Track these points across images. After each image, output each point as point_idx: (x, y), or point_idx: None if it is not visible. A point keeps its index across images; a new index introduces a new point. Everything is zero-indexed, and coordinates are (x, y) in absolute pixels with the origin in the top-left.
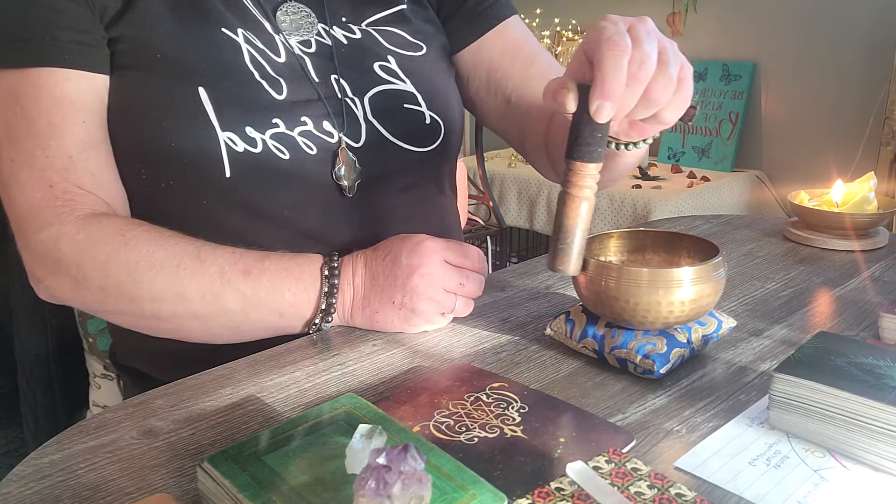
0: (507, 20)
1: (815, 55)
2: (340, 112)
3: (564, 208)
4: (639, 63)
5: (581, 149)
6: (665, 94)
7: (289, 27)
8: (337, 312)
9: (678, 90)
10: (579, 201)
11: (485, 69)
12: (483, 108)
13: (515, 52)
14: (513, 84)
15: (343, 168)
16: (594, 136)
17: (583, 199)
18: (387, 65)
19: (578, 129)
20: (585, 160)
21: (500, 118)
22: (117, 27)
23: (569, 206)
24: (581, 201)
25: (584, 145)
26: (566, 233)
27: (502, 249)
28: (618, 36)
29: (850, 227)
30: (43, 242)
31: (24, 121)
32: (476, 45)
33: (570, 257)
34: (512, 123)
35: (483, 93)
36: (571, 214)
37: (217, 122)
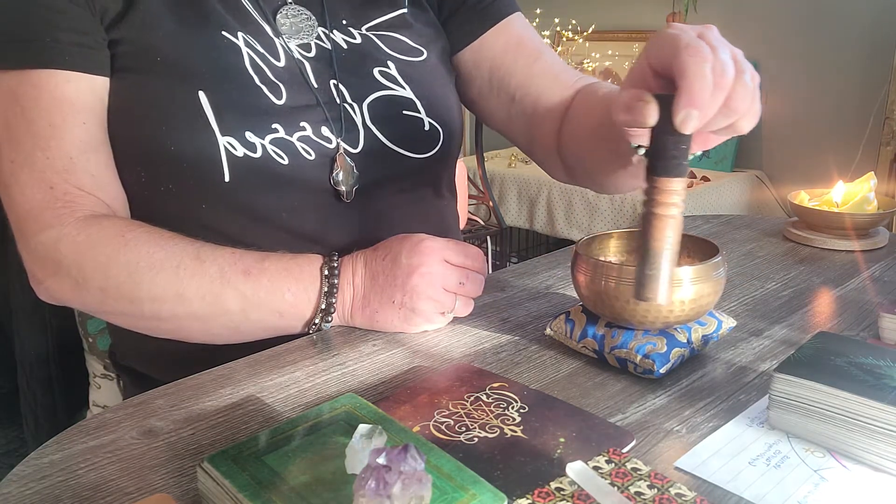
0: (509, 17)
1: (815, 55)
2: (339, 118)
3: (651, 230)
4: (721, 71)
5: (666, 163)
6: (744, 102)
7: (289, 30)
8: (337, 312)
9: (754, 98)
10: (667, 221)
11: (487, 68)
12: (487, 109)
13: (518, 49)
14: (516, 82)
15: (341, 173)
16: (679, 149)
17: (670, 217)
18: (387, 70)
19: (661, 142)
20: (671, 175)
21: (504, 118)
22: (117, 29)
23: (656, 227)
24: (668, 220)
25: (670, 159)
26: (654, 256)
27: (502, 249)
28: (697, 43)
29: (850, 227)
30: (43, 244)
31: (24, 122)
32: (478, 44)
33: (660, 283)
34: (517, 123)
35: (486, 92)
36: (659, 236)
37: (217, 126)
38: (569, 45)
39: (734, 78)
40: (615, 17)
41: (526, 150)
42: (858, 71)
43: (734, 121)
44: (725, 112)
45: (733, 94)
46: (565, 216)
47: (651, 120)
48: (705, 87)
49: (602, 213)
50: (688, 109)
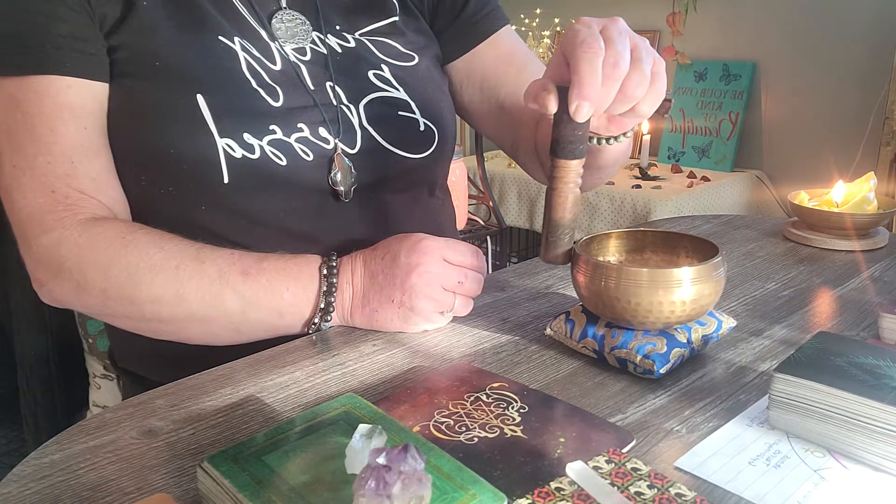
0: (500, 31)
1: (815, 55)
2: (336, 119)
3: (552, 202)
4: (613, 63)
5: (564, 147)
6: (640, 89)
7: (284, 35)
8: (336, 312)
9: (652, 84)
10: (565, 195)
11: (478, 78)
12: (476, 115)
13: (508, 60)
14: (506, 91)
15: (339, 174)
16: (575, 135)
17: (568, 192)
18: (380, 73)
19: (560, 128)
20: (568, 157)
21: (493, 124)
22: (116, 35)
23: (556, 201)
24: (567, 195)
25: (567, 143)
26: (556, 226)
27: (502, 249)
28: (591, 38)
29: (850, 227)
30: (45, 247)
31: (25, 127)
32: (469, 56)
33: (561, 248)
34: (505, 129)
35: (477, 100)
36: (559, 208)
37: (215, 129)
38: None
39: (629, 68)
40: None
41: (511, 154)
42: (858, 71)
43: (634, 105)
44: (622, 99)
45: (628, 82)
46: None
47: (551, 108)
48: (594, 81)
49: (602, 213)
50: (578, 101)
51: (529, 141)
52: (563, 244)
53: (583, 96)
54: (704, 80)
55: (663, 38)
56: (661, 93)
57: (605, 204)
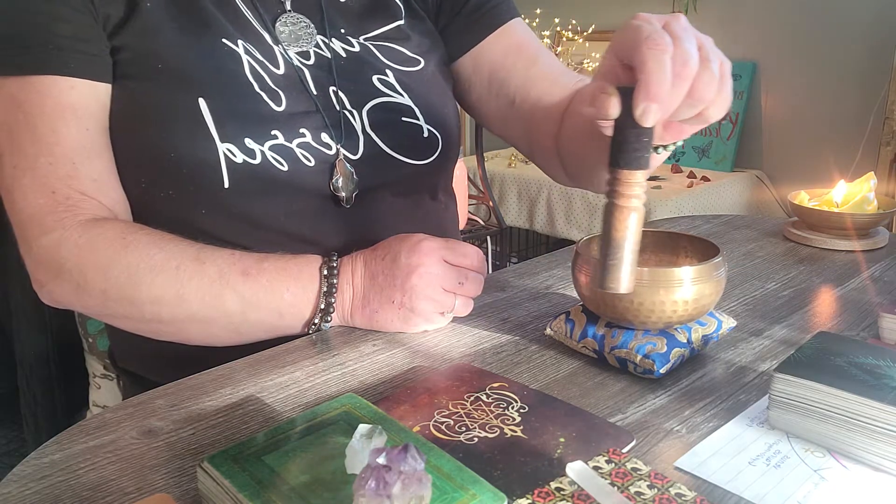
0: (509, 23)
1: (815, 55)
2: (339, 124)
3: (613, 220)
4: (682, 61)
5: (627, 155)
6: (709, 91)
7: (288, 38)
8: (336, 312)
9: (721, 87)
10: (628, 212)
11: (486, 72)
12: (486, 112)
13: (517, 53)
14: (515, 85)
15: (341, 179)
16: (640, 142)
17: (632, 209)
18: (385, 78)
19: (623, 134)
20: (633, 167)
21: (503, 121)
22: (119, 36)
23: (617, 218)
24: (630, 212)
25: (631, 151)
26: (616, 247)
27: (502, 249)
28: (657, 34)
29: (851, 227)
30: (45, 247)
31: (27, 128)
32: (477, 50)
33: (622, 273)
34: (516, 125)
35: (485, 96)
36: (620, 227)
37: (216, 133)
38: (569, 45)
39: (698, 67)
40: (615, 17)
41: (527, 154)
42: (858, 71)
43: (701, 110)
44: (690, 102)
45: (697, 83)
46: (565, 216)
47: (613, 112)
48: (664, 80)
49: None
50: (646, 103)
51: (548, 139)
52: (624, 268)
53: (651, 97)
54: None
55: None
56: (730, 96)
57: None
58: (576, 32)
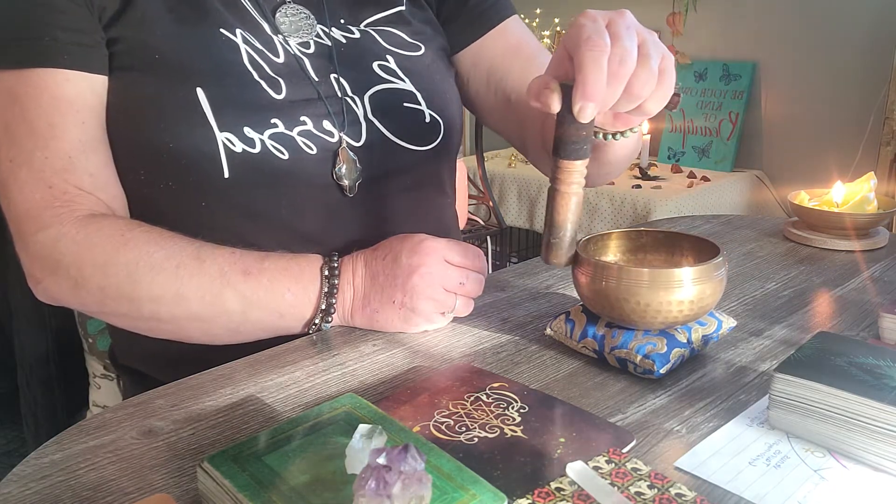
0: (507, 20)
1: (815, 55)
2: (341, 111)
3: (554, 204)
4: (619, 60)
5: (567, 147)
6: (647, 87)
7: (288, 28)
8: (337, 313)
9: (660, 82)
10: (568, 197)
11: (485, 69)
12: (483, 108)
13: (515, 51)
14: (512, 83)
15: (344, 167)
16: (579, 135)
17: (571, 194)
18: (386, 64)
19: (563, 128)
20: (571, 158)
21: (500, 117)
22: (116, 27)
23: (558, 203)
24: (570, 197)
25: (570, 143)
26: (557, 228)
27: (502, 249)
28: (596, 35)
29: (851, 227)
30: (42, 243)
31: (23, 121)
32: (476, 45)
33: (563, 250)
34: (512, 122)
35: (483, 92)
36: (561, 210)
37: (215, 122)
38: None
39: (636, 65)
40: None
41: (520, 148)
42: (858, 71)
43: (640, 104)
44: (628, 98)
45: (634, 81)
46: None
47: (554, 107)
48: (599, 80)
49: (602, 213)
50: (583, 101)
51: (537, 136)
52: (565, 246)
53: (587, 96)
54: (704, 80)
55: (663, 38)
56: (669, 90)
57: (605, 204)
58: None
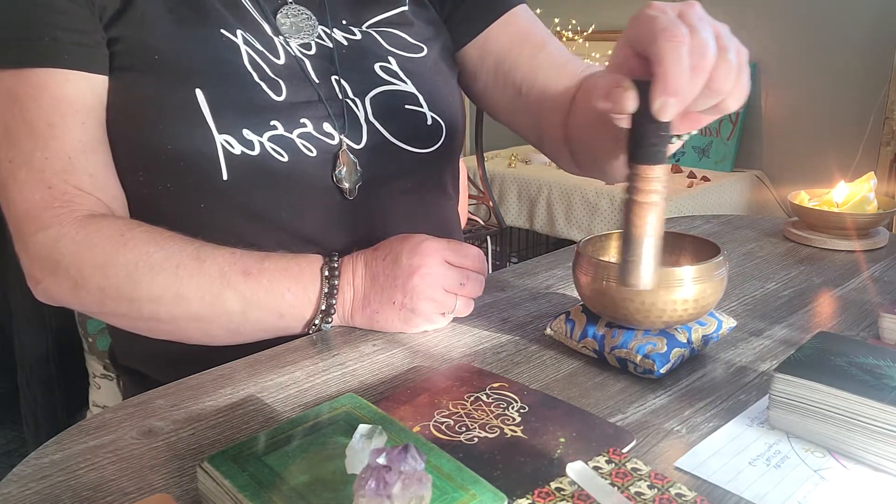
0: (514, 9)
1: (815, 55)
2: (341, 113)
3: (632, 216)
4: (700, 53)
5: (646, 150)
6: (728, 81)
7: (289, 29)
8: (337, 313)
9: (739, 77)
10: (647, 208)
11: (492, 61)
12: (493, 102)
13: (523, 41)
14: (522, 74)
15: (344, 170)
16: (658, 136)
17: (650, 204)
18: (387, 65)
19: (641, 129)
20: (651, 162)
21: (511, 111)
22: (116, 27)
23: (636, 215)
24: (649, 207)
25: (649, 146)
26: (635, 244)
27: (502, 249)
28: (674, 25)
29: (851, 227)
30: (41, 244)
31: (22, 122)
32: (482, 38)
33: (642, 270)
34: (524, 115)
35: (492, 85)
36: (640, 223)
37: (214, 124)
38: (569, 45)
39: (716, 57)
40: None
41: (535, 144)
42: (858, 71)
43: (719, 101)
44: (708, 94)
45: (715, 74)
46: (565, 216)
47: (630, 107)
48: (681, 73)
49: (602, 213)
50: (664, 97)
51: (557, 129)
52: (645, 265)
53: (669, 92)
54: None
55: None
56: (747, 87)
57: (605, 204)
58: (576, 32)
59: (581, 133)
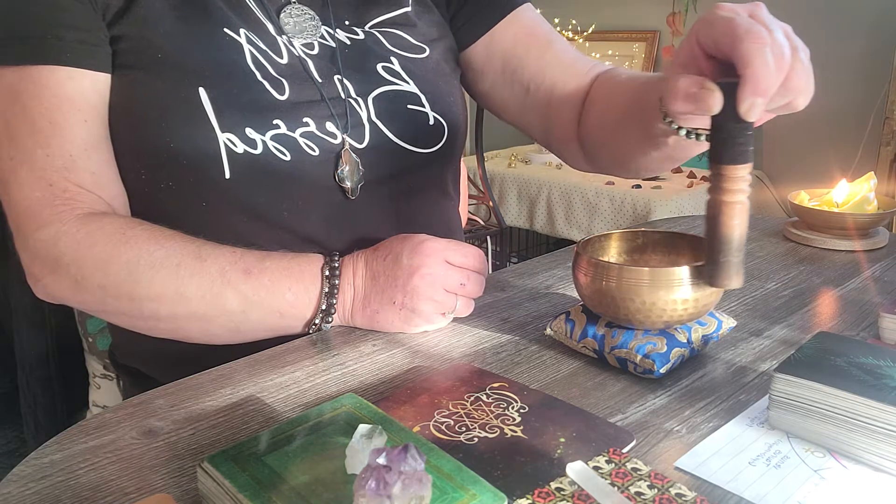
0: (519, 8)
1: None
2: (344, 113)
3: (722, 217)
4: (780, 54)
5: (733, 150)
6: (802, 80)
7: (292, 29)
8: (337, 313)
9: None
10: (737, 208)
11: (499, 60)
12: (500, 101)
13: (529, 39)
14: (529, 73)
15: (346, 169)
16: (744, 136)
17: (740, 204)
18: (390, 66)
19: (726, 130)
20: (739, 162)
21: (518, 109)
22: (119, 25)
23: (727, 215)
24: (737, 207)
25: (737, 146)
26: (727, 243)
27: (502, 249)
28: (756, 28)
29: (851, 227)
30: (42, 241)
31: (24, 119)
32: (488, 37)
33: (734, 269)
34: (532, 114)
35: (499, 85)
36: (730, 223)
37: (216, 122)
38: None
39: (791, 58)
40: (615, 17)
41: (542, 141)
42: (858, 71)
43: (791, 99)
44: (783, 92)
45: (792, 73)
46: (565, 216)
47: (716, 108)
48: (769, 75)
49: (602, 213)
50: (753, 98)
51: (568, 125)
52: (735, 264)
53: (759, 93)
54: None
55: (663, 38)
56: (813, 83)
57: (605, 204)
58: (576, 32)
59: (603, 130)
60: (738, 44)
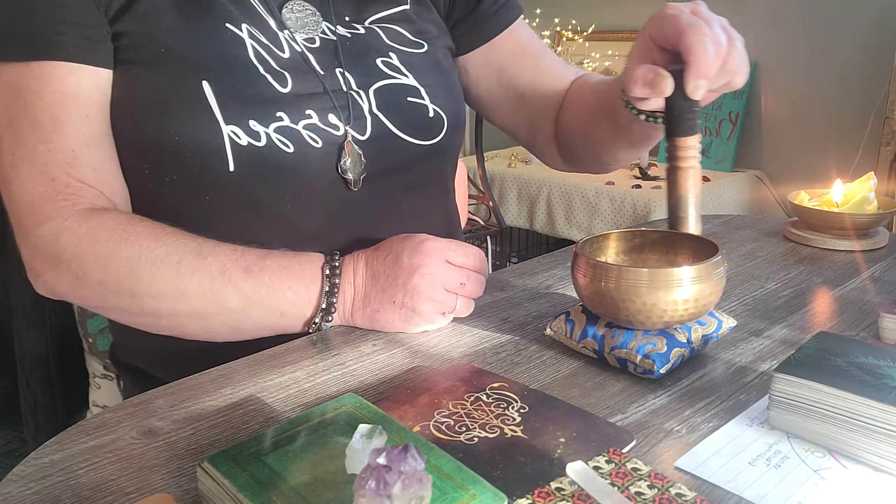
0: (515, 22)
1: (815, 55)
2: (346, 105)
3: (677, 179)
4: (718, 42)
5: (683, 124)
6: (737, 62)
7: (294, 25)
8: (337, 312)
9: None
10: (688, 172)
11: (496, 69)
12: (493, 105)
13: (525, 51)
14: (525, 82)
15: (349, 161)
16: (692, 112)
17: (692, 169)
18: (389, 60)
19: (677, 109)
20: (688, 134)
21: (510, 113)
22: (121, 21)
23: (681, 178)
24: (690, 171)
25: (685, 121)
26: (684, 201)
27: (502, 249)
28: (697, 21)
29: (851, 227)
30: (43, 237)
31: (26, 115)
32: (487, 47)
33: (692, 221)
34: (523, 117)
35: (494, 89)
36: (685, 185)
37: (220, 115)
38: (569, 45)
39: (728, 45)
40: (615, 17)
41: (527, 143)
42: (858, 71)
43: (730, 79)
44: (722, 74)
45: (728, 58)
46: (565, 216)
47: (668, 91)
48: (710, 60)
49: (602, 213)
50: (696, 80)
51: (548, 128)
52: (692, 219)
53: (702, 75)
54: None
55: None
56: (748, 66)
57: (605, 204)
58: (576, 32)
59: (576, 127)
60: (682, 36)
